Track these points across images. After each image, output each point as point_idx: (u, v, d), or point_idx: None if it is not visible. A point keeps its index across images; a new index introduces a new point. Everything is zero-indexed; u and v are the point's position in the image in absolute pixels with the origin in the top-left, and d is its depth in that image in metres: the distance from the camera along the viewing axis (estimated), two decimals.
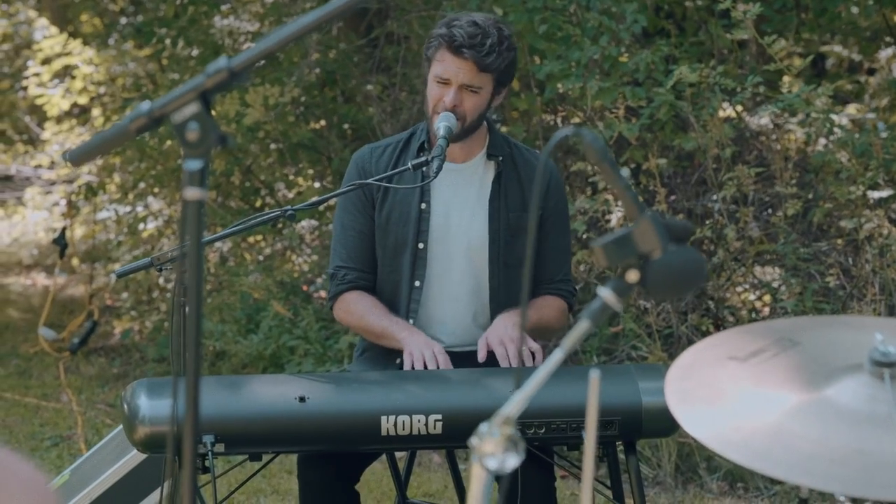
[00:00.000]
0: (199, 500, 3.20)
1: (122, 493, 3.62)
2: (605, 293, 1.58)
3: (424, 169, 3.39)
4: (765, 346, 1.97)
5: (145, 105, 1.60)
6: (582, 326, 1.58)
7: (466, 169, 3.50)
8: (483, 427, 1.58)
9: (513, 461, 1.56)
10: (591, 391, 1.52)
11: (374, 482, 4.95)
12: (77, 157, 1.66)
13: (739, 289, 5.61)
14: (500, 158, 3.48)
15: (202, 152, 1.59)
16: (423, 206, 3.47)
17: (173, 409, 1.88)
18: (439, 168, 3.30)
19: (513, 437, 1.56)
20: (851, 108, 6.92)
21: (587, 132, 1.56)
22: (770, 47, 5.05)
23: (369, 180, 3.40)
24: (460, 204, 3.49)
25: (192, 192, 1.58)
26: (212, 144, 1.59)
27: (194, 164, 1.59)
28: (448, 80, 3.37)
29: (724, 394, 1.92)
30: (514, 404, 1.57)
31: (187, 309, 1.61)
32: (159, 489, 3.57)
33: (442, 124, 3.35)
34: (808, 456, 1.82)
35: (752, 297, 5.64)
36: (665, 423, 3.19)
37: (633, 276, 1.56)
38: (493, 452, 1.57)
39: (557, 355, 1.58)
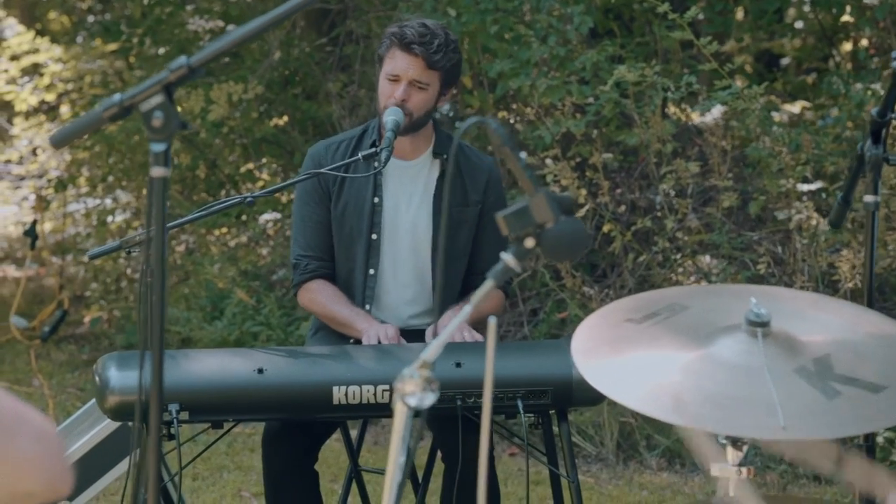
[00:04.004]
0: (164, 466, 3.45)
1: (95, 461, 3.86)
2: (507, 257, 1.87)
3: (375, 162, 3.67)
4: (658, 310, 2.26)
5: (117, 96, 1.88)
6: (487, 284, 1.87)
7: (414, 166, 3.78)
8: (405, 370, 1.86)
9: (430, 399, 1.84)
10: (489, 334, 1.80)
11: (332, 458, 5.22)
12: (58, 140, 1.94)
13: (681, 277, 5.91)
14: (445, 157, 3.77)
15: (166, 136, 1.87)
16: (376, 199, 3.75)
17: (140, 380, 2.05)
18: (387, 158, 3.58)
19: (429, 379, 1.84)
20: (799, 105, 7.24)
21: (492, 121, 1.85)
22: (706, 48, 5.35)
23: (324, 169, 3.67)
24: (408, 198, 3.77)
25: (157, 171, 1.87)
26: (174, 129, 1.87)
27: (159, 147, 1.87)
28: (398, 77, 3.66)
29: (621, 351, 2.21)
30: (431, 350, 1.86)
31: (152, 285, 1.87)
32: (128, 457, 3.82)
33: (390, 118, 3.63)
34: (692, 402, 2.12)
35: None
36: (594, 393, 3.44)
37: (530, 242, 1.85)
38: (413, 391, 1.85)
39: (467, 309, 1.87)
